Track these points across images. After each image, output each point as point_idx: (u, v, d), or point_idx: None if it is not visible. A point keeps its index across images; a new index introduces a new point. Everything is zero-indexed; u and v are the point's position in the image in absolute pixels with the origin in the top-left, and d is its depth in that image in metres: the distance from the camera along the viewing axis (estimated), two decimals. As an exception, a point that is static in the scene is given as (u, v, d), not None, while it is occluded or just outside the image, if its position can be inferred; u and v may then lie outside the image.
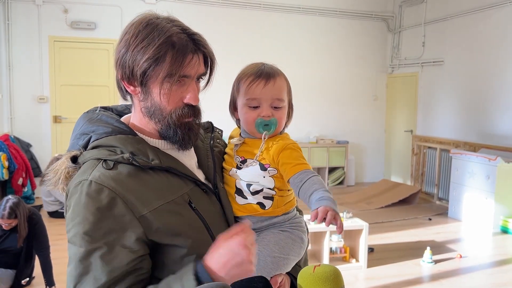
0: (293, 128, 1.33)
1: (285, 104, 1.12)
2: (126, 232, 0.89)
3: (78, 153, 0.99)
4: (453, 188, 5.82)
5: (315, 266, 0.88)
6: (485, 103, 5.96)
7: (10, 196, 3.22)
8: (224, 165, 1.14)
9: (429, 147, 6.88)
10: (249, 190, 1.08)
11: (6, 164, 5.24)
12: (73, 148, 1.02)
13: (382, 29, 7.84)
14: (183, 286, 0.85)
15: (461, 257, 4.25)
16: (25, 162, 5.60)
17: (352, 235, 4.02)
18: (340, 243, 3.94)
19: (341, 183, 7.52)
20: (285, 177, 1.06)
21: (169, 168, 0.98)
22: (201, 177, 1.07)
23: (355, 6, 7.56)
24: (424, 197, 6.83)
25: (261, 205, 1.09)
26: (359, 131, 7.85)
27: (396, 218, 5.62)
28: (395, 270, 3.93)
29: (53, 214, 5.26)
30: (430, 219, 5.66)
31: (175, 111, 0.98)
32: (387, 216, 5.68)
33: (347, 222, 3.93)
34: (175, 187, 0.98)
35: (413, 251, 4.38)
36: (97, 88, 6.39)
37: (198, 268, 0.86)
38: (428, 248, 4.11)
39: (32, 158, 6.04)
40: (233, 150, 1.13)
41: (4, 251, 3.25)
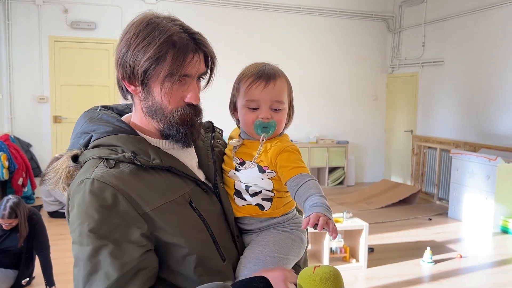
0: (293, 128, 1.32)
1: (285, 106, 1.11)
2: (131, 228, 0.90)
3: (79, 152, 0.99)
4: (453, 188, 5.82)
5: (315, 267, 0.88)
6: (485, 103, 5.96)
7: (10, 196, 3.22)
8: (223, 166, 1.14)
9: (429, 147, 6.88)
10: (247, 191, 1.08)
11: (6, 164, 5.23)
12: (73, 147, 1.02)
13: (382, 29, 7.84)
14: None
15: (461, 257, 4.25)
16: (25, 162, 5.60)
17: (352, 235, 4.02)
18: (340, 243, 3.94)
19: (341, 183, 7.52)
20: (282, 180, 1.06)
21: (170, 168, 0.98)
22: (201, 177, 1.07)
23: (355, 6, 7.55)
24: (424, 197, 6.83)
25: (260, 206, 1.09)
26: (359, 131, 7.85)
27: (396, 218, 5.62)
28: (395, 270, 3.93)
29: (53, 214, 5.25)
30: (430, 219, 5.66)
31: (176, 110, 0.98)
32: (387, 216, 5.68)
33: (347, 222, 3.94)
34: (176, 187, 0.98)
35: (413, 251, 4.38)
36: (97, 88, 6.39)
37: None
38: (428, 248, 4.11)
39: (32, 158, 6.04)
40: (232, 152, 1.12)
41: (4, 251, 3.25)
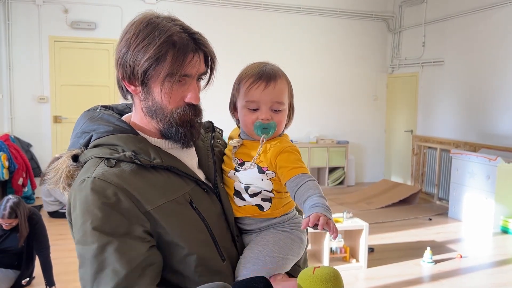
0: (293, 128, 1.31)
1: (285, 107, 1.10)
2: (134, 225, 0.90)
3: (79, 151, 0.99)
4: (453, 188, 5.81)
5: (314, 268, 0.88)
6: (485, 103, 5.96)
7: (10, 196, 3.22)
8: (223, 166, 1.14)
9: (429, 147, 6.87)
10: (247, 192, 1.08)
11: (6, 164, 5.23)
12: (73, 146, 1.02)
13: (382, 29, 7.84)
14: None
15: (461, 257, 4.25)
16: (25, 162, 5.60)
17: (352, 235, 4.02)
18: (340, 243, 3.94)
19: (341, 183, 7.52)
20: (282, 180, 1.05)
21: (170, 167, 0.98)
22: (201, 177, 1.07)
23: (355, 6, 7.55)
24: (424, 197, 6.83)
25: (259, 207, 1.08)
26: (359, 131, 7.85)
27: (396, 218, 5.62)
28: (395, 270, 3.93)
29: (53, 214, 5.25)
30: (430, 219, 5.66)
31: (176, 110, 0.98)
32: (387, 216, 5.68)
33: (347, 222, 3.94)
34: (177, 186, 0.98)
35: (413, 251, 4.38)
36: (97, 88, 6.39)
37: None
38: (428, 248, 4.11)
39: (32, 158, 6.04)
40: (232, 152, 1.12)
41: (4, 251, 3.25)
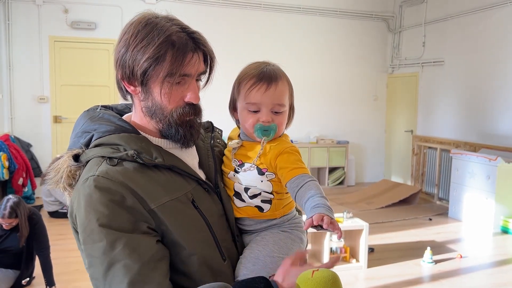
0: (293, 128, 1.31)
1: (285, 109, 1.10)
2: (140, 222, 0.90)
3: (80, 151, 0.98)
4: (453, 188, 5.81)
5: (313, 271, 0.88)
6: (485, 103, 5.96)
7: (10, 196, 3.22)
8: (223, 167, 1.13)
9: (430, 147, 6.87)
10: (247, 193, 1.07)
11: (7, 164, 5.24)
12: (74, 146, 1.01)
13: (382, 29, 7.84)
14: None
15: (461, 257, 4.25)
16: (25, 162, 5.60)
17: (352, 235, 4.02)
18: (340, 243, 3.94)
19: (341, 183, 7.52)
20: (282, 181, 1.05)
21: (172, 167, 0.98)
22: (202, 176, 1.07)
23: (355, 6, 7.55)
24: (424, 197, 6.83)
25: (259, 208, 1.08)
26: (359, 131, 7.85)
27: (396, 218, 5.61)
28: (396, 270, 3.93)
29: (54, 214, 5.25)
30: (430, 219, 5.66)
31: (176, 110, 0.98)
32: (387, 216, 5.68)
33: (347, 222, 3.93)
34: (179, 185, 0.98)
35: (413, 251, 4.38)
36: (97, 88, 6.39)
37: (272, 282, 0.91)
38: (429, 248, 4.11)
39: (33, 158, 6.04)
40: (231, 153, 1.12)
41: (4, 251, 3.25)
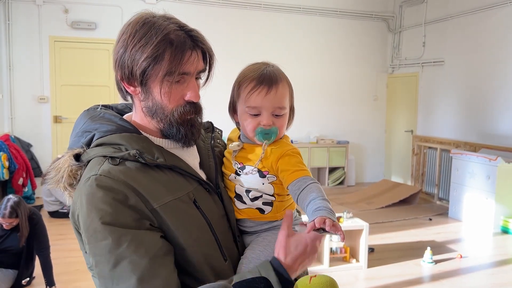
0: (293, 128, 1.30)
1: (286, 111, 1.09)
2: (143, 220, 0.90)
3: (81, 151, 0.98)
4: (453, 188, 5.81)
5: (311, 277, 0.88)
6: (485, 103, 5.96)
7: (11, 196, 3.22)
8: (223, 169, 1.13)
9: (430, 147, 6.87)
10: (248, 196, 1.07)
11: (7, 164, 5.24)
12: (74, 146, 1.01)
13: (382, 29, 7.84)
14: (260, 273, 0.91)
15: (461, 257, 4.25)
16: (25, 162, 5.60)
17: (353, 235, 4.02)
18: (340, 243, 3.94)
19: (341, 183, 7.52)
20: (284, 184, 1.05)
21: (173, 167, 0.98)
22: (203, 177, 1.07)
23: (355, 6, 7.55)
24: (424, 197, 6.83)
25: (260, 210, 1.08)
26: (359, 131, 7.85)
27: (396, 218, 5.61)
28: (396, 270, 3.93)
29: (54, 214, 5.25)
30: (430, 219, 5.65)
31: (177, 109, 0.98)
32: (388, 216, 5.68)
33: (347, 222, 3.94)
34: (181, 185, 0.98)
35: (413, 251, 4.38)
36: (98, 88, 6.39)
37: (273, 262, 0.92)
38: (429, 248, 4.11)
39: (33, 158, 6.04)
40: (232, 155, 1.11)
41: (5, 250, 3.25)
